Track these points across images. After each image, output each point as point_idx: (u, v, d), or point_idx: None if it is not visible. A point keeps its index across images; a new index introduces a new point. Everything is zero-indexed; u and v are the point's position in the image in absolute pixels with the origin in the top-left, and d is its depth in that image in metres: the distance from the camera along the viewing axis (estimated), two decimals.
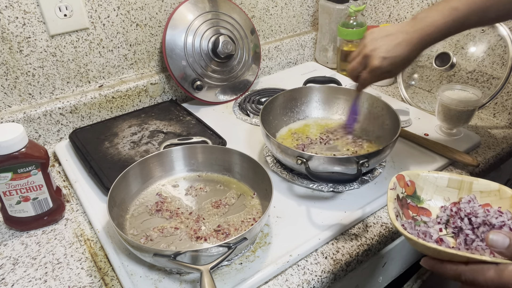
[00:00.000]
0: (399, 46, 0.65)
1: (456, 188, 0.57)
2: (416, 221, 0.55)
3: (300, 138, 0.86)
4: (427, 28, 0.64)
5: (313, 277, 0.61)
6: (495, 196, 0.53)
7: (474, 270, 0.41)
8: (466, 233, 0.51)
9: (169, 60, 0.96)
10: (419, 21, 0.65)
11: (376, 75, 0.68)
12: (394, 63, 0.66)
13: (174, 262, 0.54)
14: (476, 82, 0.99)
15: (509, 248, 0.40)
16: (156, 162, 0.74)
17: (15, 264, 0.63)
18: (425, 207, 0.57)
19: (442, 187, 0.57)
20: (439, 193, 0.57)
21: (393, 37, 0.66)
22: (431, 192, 0.58)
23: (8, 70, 0.84)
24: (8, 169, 0.63)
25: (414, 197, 0.58)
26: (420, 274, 0.92)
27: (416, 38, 0.65)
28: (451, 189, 0.57)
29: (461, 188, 0.56)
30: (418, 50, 0.66)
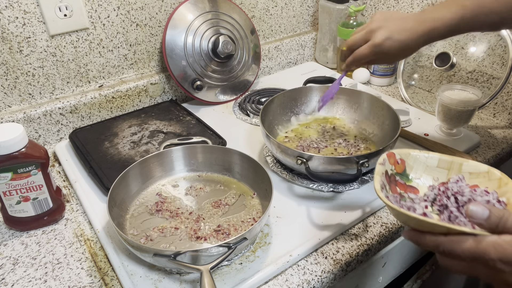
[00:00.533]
0: (404, 32, 0.66)
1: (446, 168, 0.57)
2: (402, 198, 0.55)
3: (300, 138, 0.86)
4: (434, 21, 0.65)
5: (313, 277, 0.61)
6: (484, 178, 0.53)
7: (453, 241, 0.41)
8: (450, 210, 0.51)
9: (169, 60, 0.96)
10: (427, 14, 0.66)
11: (373, 52, 0.68)
12: (395, 47, 0.67)
13: (174, 262, 0.54)
14: (476, 82, 0.99)
15: (488, 220, 0.40)
16: (156, 162, 0.74)
17: (15, 264, 0.63)
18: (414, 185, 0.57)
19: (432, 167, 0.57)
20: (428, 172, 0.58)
21: (401, 22, 0.67)
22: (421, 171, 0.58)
23: (8, 70, 0.84)
24: (8, 169, 0.63)
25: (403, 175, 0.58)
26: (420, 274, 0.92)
27: (422, 30, 0.65)
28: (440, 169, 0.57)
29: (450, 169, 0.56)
30: (421, 42, 0.67)
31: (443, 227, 0.42)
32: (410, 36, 0.66)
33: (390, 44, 0.67)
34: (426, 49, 1.07)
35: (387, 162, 0.56)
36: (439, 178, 0.57)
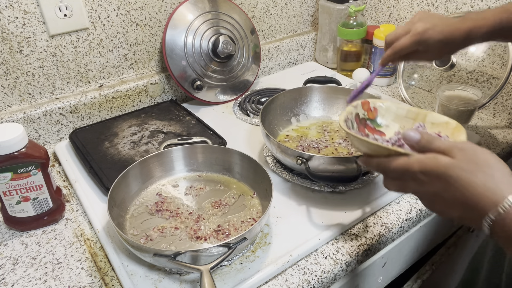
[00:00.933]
0: (446, 26, 0.66)
1: (412, 118, 0.62)
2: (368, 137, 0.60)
3: (300, 138, 0.86)
4: (478, 20, 0.65)
5: (313, 277, 0.61)
6: (443, 127, 0.58)
7: (390, 160, 0.49)
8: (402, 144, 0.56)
9: (169, 60, 0.96)
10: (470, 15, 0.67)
11: (415, 41, 0.66)
12: (436, 38, 0.66)
13: (174, 262, 0.55)
14: (476, 82, 0.99)
15: (419, 143, 0.47)
16: (156, 162, 0.74)
17: (15, 264, 0.63)
18: (382, 130, 0.63)
19: (401, 116, 0.63)
20: (397, 121, 0.63)
21: (444, 19, 0.67)
22: (390, 120, 0.63)
23: (8, 70, 0.84)
24: (8, 169, 0.63)
25: (374, 122, 0.64)
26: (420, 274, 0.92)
27: (465, 26, 0.65)
28: (408, 119, 0.62)
29: (416, 119, 0.62)
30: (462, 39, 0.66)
31: (385, 149, 0.50)
32: (452, 31, 0.66)
33: (432, 34, 0.66)
34: None
35: (360, 107, 0.63)
36: (405, 126, 0.62)
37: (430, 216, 0.79)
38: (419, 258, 0.89)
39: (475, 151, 0.45)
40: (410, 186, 0.49)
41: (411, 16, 1.13)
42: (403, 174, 0.48)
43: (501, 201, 0.42)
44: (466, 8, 1.00)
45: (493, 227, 0.43)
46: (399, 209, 0.72)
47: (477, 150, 0.45)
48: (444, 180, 0.44)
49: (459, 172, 0.44)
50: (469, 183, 0.43)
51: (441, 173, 0.45)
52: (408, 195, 0.75)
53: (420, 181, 0.47)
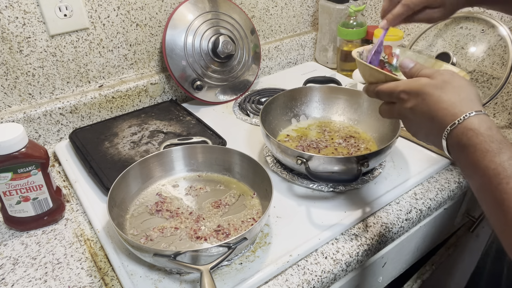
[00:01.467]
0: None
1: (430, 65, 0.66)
2: None
3: (300, 138, 0.86)
4: None
5: (313, 277, 0.61)
6: None
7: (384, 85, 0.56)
8: None
9: (169, 60, 0.96)
10: None
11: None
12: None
13: (174, 262, 0.55)
14: (476, 82, 0.99)
15: (411, 70, 0.54)
16: (156, 162, 0.74)
17: (15, 264, 0.63)
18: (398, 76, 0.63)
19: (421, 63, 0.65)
20: None
21: None
22: None
23: (8, 70, 0.84)
24: (8, 169, 0.63)
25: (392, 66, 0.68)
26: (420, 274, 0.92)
27: None
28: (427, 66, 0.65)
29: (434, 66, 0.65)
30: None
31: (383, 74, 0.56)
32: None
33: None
34: (426, 49, 1.07)
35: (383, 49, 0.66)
36: None
37: (430, 216, 0.79)
38: (419, 258, 0.89)
39: (452, 75, 0.51)
40: (395, 107, 0.55)
41: None
42: (390, 95, 0.54)
43: (459, 115, 0.47)
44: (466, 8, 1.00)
45: (448, 140, 0.48)
46: (399, 209, 0.72)
47: (455, 75, 0.51)
48: (419, 97, 0.51)
49: (432, 90, 0.50)
50: (438, 99, 0.49)
51: (418, 90, 0.51)
52: (408, 196, 0.75)
53: (402, 100, 0.53)
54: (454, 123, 0.47)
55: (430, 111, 0.50)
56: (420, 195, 0.76)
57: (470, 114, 0.46)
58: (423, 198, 0.75)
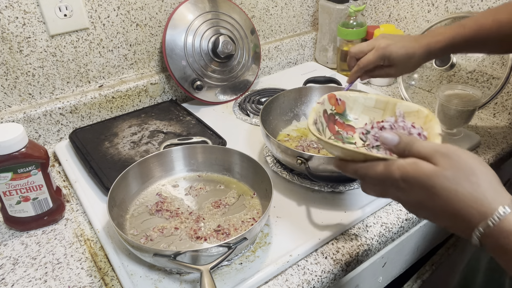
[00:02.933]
0: (408, 42, 0.71)
1: (381, 108, 0.61)
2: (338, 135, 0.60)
3: (300, 138, 0.86)
4: (435, 36, 0.71)
5: (313, 277, 0.61)
6: (415, 116, 0.58)
7: (368, 166, 0.47)
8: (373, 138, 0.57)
9: (169, 60, 0.96)
10: (429, 32, 0.73)
11: (379, 56, 0.72)
12: (399, 53, 0.71)
13: (174, 262, 0.55)
14: (476, 82, 0.99)
15: (398, 146, 0.45)
16: (156, 162, 0.74)
17: (15, 264, 0.63)
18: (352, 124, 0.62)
19: (370, 107, 0.62)
20: (366, 113, 0.62)
21: (405, 37, 0.73)
22: (359, 112, 0.62)
23: (8, 70, 0.84)
24: (8, 169, 0.63)
25: (342, 116, 0.62)
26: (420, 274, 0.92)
27: (425, 42, 0.71)
28: (377, 110, 0.61)
29: (386, 109, 0.61)
30: (423, 54, 0.71)
31: (361, 154, 0.47)
32: (413, 46, 0.71)
33: (394, 48, 0.71)
34: None
35: (327, 102, 0.61)
36: (375, 117, 0.61)
37: None
38: (419, 258, 0.89)
39: (459, 157, 0.42)
40: (391, 192, 0.47)
41: (411, 16, 1.13)
42: (383, 181, 0.46)
43: (490, 213, 0.40)
44: (466, 8, 1.00)
45: (483, 239, 0.41)
46: (399, 209, 0.72)
47: (461, 156, 0.43)
48: (427, 189, 0.42)
49: (443, 182, 0.41)
50: (455, 194, 0.41)
51: (423, 181, 0.42)
52: None
53: (401, 189, 0.45)
54: (488, 224, 0.40)
55: (447, 208, 0.42)
56: None
57: (505, 212, 0.39)
58: None
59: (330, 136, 0.60)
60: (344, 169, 0.51)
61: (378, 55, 0.72)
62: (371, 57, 0.73)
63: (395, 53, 0.71)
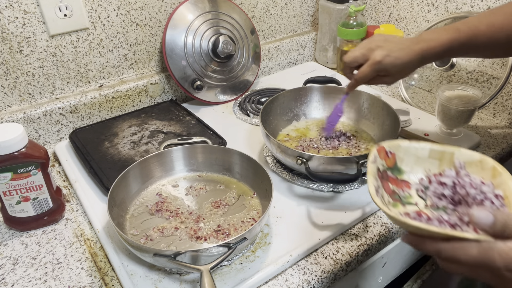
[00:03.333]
0: (402, 51, 0.69)
1: (437, 158, 0.55)
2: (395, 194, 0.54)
3: (300, 138, 0.86)
4: (430, 41, 0.68)
5: (313, 277, 0.61)
6: (477, 167, 0.52)
7: (455, 248, 0.40)
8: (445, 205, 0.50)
9: (169, 60, 0.96)
10: (423, 36, 0.70)
11: (375, 70, 0.70)
12: (394, 64, 0.69)
13: (174, 262, 0.55)
14: (476, 82, 0.99)
15: (493, 226, 0.39)
16: (156, 162, 0.74)
17: (15, 264, 0.63)
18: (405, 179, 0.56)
19: (423, 158, 0.56)
20: (420, 164, 0.56)
21: (399, 43, 0.70)
22: (412, 163, 0.56)
23: (8, 70, 0.84)
24: (8, 169, 0.63)
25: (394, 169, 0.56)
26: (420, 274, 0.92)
27: (418, 48, 0.68)
28: (432, 160, 0.55)
29: (442, 159, 0.55)
30: (418, 61, 0.69)
31: (444, 234, 0.40)
32: (407, 55, 0.68)
33: (390, 61, 0.69)
34: None
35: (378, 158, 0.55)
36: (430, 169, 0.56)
37: None
38: (419, 258, 0.89)
39: None
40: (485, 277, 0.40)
41: (411, 16, 1.13)
42: (477, 266, 0.39)
43: None
44: (466, 8, 1.00)
45: None
46: None
47: None
48: None
49: None
50: None
51: None
52: None
53: (503, 277, 0.38)
54: None
55: None
56: None
57: None
58: None
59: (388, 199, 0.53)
60: (420, 246, 0.43)
61: (375, 69, 0.70)
62: (368, 72, 0.71)
63: (390, 65, 0.69)
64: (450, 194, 0.51)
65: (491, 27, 0.66)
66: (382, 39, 0.71)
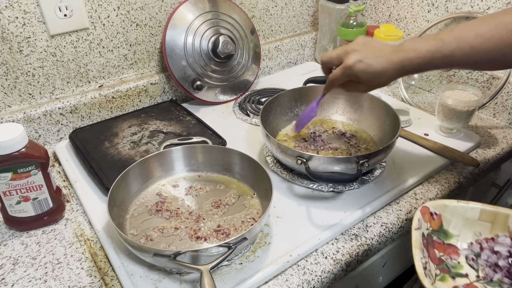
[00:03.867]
0: (378, 59, 0.63)
1: (488, 221, 0.49)
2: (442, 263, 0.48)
3: (295, 139, 0.86)
4: (409, 52, 0.63)
5: (313, 277, 0.61)
6: None
7: None
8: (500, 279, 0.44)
9: (169, 60, 0.96)
10: (405, 44, 0.64)
11: (344, 74, 0.66)
12: (365, 72, 0.64)
13: (174, 262, 0.55)
14: (476, 82, 0.99)
15: None
16: (156, 162, 0.74)
17: (15, 264, 0.63)
18: (453, 243, 0.50)
19: (473, 219, 0.50)
20: (469, 227, 0.50)
21: (378, 50, 0.65)
22: (460, 226, 0.51)
23: (8, 70, 0.84)
24: (8, 169, 0.63)
25: (440, 232, 0.51)
26: None
27: (396, 59, 0.63)
28: (483, 223, 0.50)
29: (495, 222, 0.49)
30: (395, 72, 0.64)
31: None
32: (383, 64, 0.63)
33: (361, 67, 0.63)
34: None
35: (423, 221, 0.49)
36: (481, 233, 0.50)
37: None
38: None
39: None
40: None
41: (411, 16, 1.13)
42: None
43: None
44: (466, 8, 1.00)
45: None
46: (399, 209, 0.72)
47: None
48: None
49: None
50: None
51: None
52: (408, 196, 0.75)
53: None
54: None
55: None
56: (420, 195, 0.76)
57: None
58: (423, 198, 0.75)
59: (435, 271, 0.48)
60: None
61: (345, 74, 0.66)
62: (338, 75, 0.67)
63: (361, 71, 0.64)
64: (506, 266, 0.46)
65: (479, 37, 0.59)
66: (362, 43, 0.66)
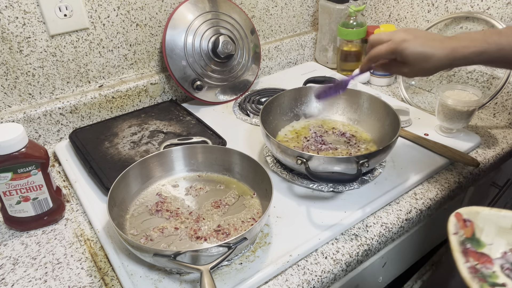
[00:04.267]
0: (429, 41, 0.62)
1: None
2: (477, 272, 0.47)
3: (300, 139, 0.86)
4: (463, 40, 0.61)
5: (313, 277, 0.61)
6: None
7: None
8: None
9: (169, 60, 0.96)
10: (458, 35, 0.63)
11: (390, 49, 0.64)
12: (415, 52, 0.62)
13: (174, 262, 0.55)
14: (476, 82, 0.99)
15: None
16: (156, 162, 0.74)
17: (15, 264, 0.63)
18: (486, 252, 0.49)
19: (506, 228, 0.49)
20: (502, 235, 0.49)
21: (430, 34, 0.64)
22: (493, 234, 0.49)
23: (8, 70, 0.84)
24: (8, 169, 0.63)
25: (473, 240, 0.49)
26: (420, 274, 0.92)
27: (449, 44, 0.61)
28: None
29: None
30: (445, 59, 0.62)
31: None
32: (434, 46, 0.61)
33: (409, 45, 0.62)
34: None
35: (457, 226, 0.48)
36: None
37: (430, 216, 0.79)
38: (419, 258, 0.89)
39: None
40: None
41: (411, 16, 1.13)
42: None
43: None
44: (466, 8, 1.00)
45: None
46: (399, 209, 0.72)
47: None
48: None
49: None
50: None
51: None
52: (408, 196, 0.75)
53: None
54: None
55: None
56: (420, 195, 0.76)
57: None
58: (423, 198, 0.75)
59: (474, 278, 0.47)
60: None
61: (390, 49, 0.64)
62: (383, 50, 0.64)
63: (408, 50, 0.61)
64: None
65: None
66: (414, 29, 0.65)
